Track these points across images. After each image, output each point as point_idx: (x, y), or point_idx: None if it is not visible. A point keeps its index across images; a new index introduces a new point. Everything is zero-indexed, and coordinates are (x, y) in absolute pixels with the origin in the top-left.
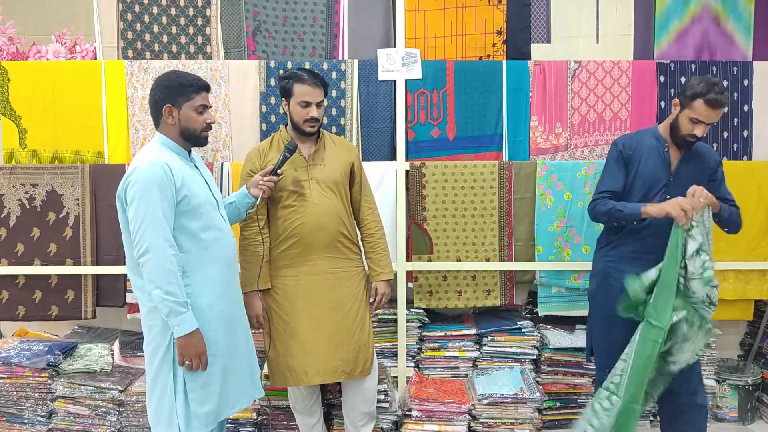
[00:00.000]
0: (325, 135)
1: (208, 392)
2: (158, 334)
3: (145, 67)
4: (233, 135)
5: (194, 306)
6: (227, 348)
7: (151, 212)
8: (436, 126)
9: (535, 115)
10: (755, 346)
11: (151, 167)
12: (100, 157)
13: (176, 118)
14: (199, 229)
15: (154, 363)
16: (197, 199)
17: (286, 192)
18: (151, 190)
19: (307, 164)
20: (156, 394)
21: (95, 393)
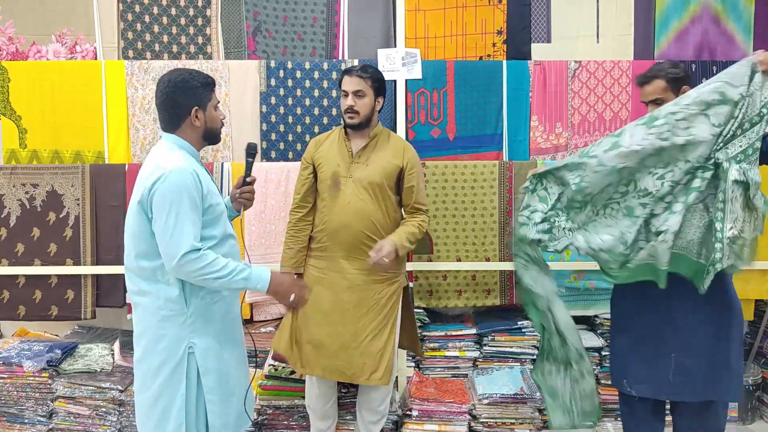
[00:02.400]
0: (382, 133)
1: (227, 403)
2: (170, 345)
3: (146, 67)
4: (233, 135)
5: (211, 317)
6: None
7: (182, 220)
8: (436, 126)
9: (536, 114)
10: (755, 345)
11: (182, 174)
12: (101, 157)
13: (202, 119)
14: (221, 236)
15: (161, 375)
16: (219, 207)
17: (325, 184)
18: (180, 196)
19: (351, 161)
20: (160, 407)
21: (96, 393)
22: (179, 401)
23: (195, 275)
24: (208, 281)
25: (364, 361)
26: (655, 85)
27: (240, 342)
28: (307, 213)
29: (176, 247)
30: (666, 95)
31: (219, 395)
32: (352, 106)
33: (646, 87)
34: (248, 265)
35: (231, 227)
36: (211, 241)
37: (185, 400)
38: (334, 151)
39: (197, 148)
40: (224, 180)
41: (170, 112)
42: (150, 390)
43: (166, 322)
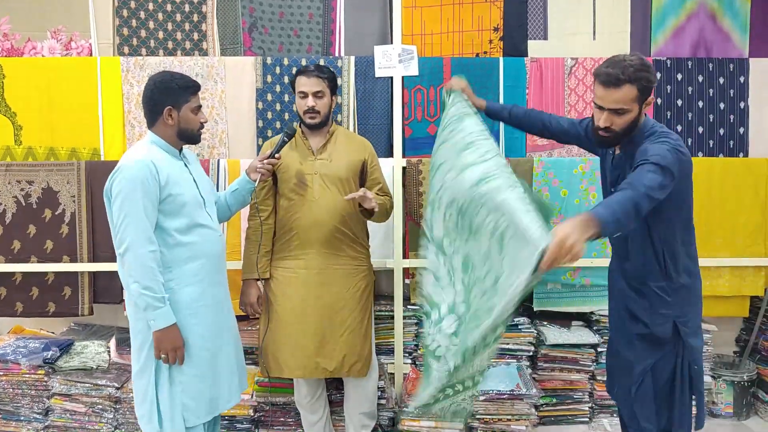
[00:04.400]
0: (338, 130)
1: (198, 385)
2: (144, 327)
3: (141, 63)
4: (230, 132)
5: (177, 300)
6: (213, 342)
7: (133, 210)
8: (432, 123)
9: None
10: (751, 342)
11: (136, 165)
12: (96, 153)
13: (175, 119)
14: (183, 227)
15: (141, 357)
16: (182, 198)
17: (290, 185)
18: (134, 187)
19: (314, 158)
20: (141, 386)
21: (92, 390)
22: (153, 381)
23: (126, 271)
24: (129, 283)
25: (343, 354)
26: (626, 91)
27: (219, 327)
28: (268, 216)
29: (122, 237)
30: (632, 107)
31: (188, 376)
32: (313, 106)
33: (613, 91)
34: (165, 302)
35: (208, 218)
36: (175, 232)
37: (158, 381)
38: (294, 151)
39: (174, 145)
40: (220, 176)
41: (146, 109)
42: (135, 367)
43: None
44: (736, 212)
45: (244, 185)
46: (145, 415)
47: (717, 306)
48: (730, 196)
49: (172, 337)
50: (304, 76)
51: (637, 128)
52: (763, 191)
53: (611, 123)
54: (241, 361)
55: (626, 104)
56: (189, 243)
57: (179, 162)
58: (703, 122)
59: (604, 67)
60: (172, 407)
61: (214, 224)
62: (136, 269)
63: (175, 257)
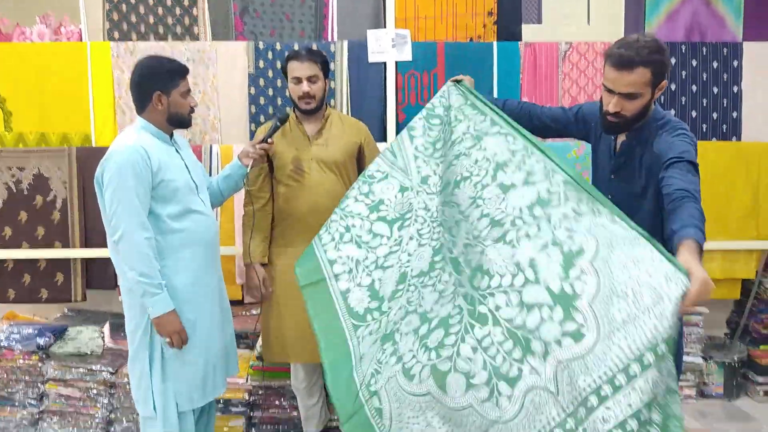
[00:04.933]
0: (333, 114)
1: (191, 371)
2: (137, 313)
3: (132, 48)
4: (222, 117)
5: (171, 287)
6: (207, 328)
7: (126, 196)
8: None
9: (526, 96)
10: (741, 324)
11: (127, 151)
12: (87, 139)
13: (165, 104)
14: (176, 212)
15: (135, 341)
16: (174, 183)
17: (286, 171)
18: (126, 174)
19: (310, 143)
20: (137, 371)
21: (86, 375)
22: (147, 366)
23: (122, 258)
24: (125, 271)
25: None
26: (639, 74)
27: (212, 314)
28: (266, 203)
29: (116, 224)
30: (645, 91)
31: (181, 362)
32: (308, 92)
33: (626, 74)
34: (163, 288)
35: (201, 204)
36: (168, 218)
37: (151, 365)
38: (289, 138)
39: (164, 130)
40: (213, 161)
41: (135, 95)
42: (131, 352)
43: (131, 293)
44: (728, 196)
45: (236, 170)
46: (140, 399)
47: None
48: (723, 180)
49: (172, 321)
50: (296, 60)
51: (648, 114)
52: (756, 175)
53: (621, 108)
54: (232, 347)
55: (639, 88)
56: (182, 229)
57: (170, 147)
58: (697, 106)
59: (616, 47)
60: (165, 392)
61: (208, 210)
62: (132, 256)
63: (169, 244)
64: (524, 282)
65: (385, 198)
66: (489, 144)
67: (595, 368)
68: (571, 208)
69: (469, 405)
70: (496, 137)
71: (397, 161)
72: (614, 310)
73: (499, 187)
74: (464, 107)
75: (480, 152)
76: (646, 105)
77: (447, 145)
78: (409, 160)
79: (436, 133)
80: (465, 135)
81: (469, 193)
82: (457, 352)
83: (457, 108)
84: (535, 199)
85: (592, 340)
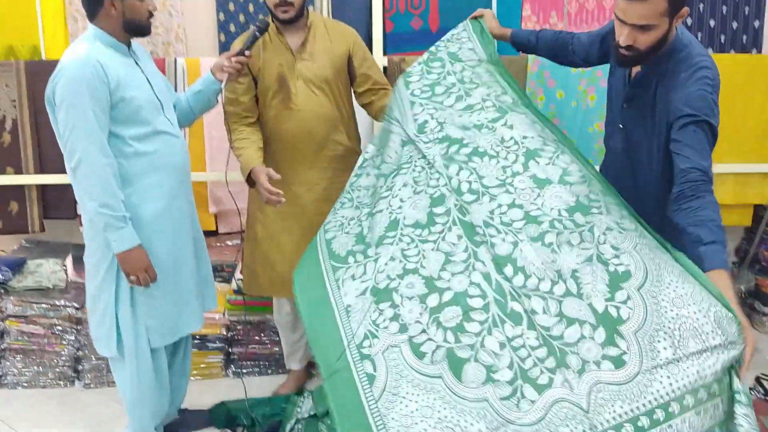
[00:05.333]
0: (316, 20)
1: (163, 305)
2: (101, 245)
3: None
4: (186, 26)
5: (137, 217)
6: (178, 260)
7: (82, 117)
8: (417, 16)
9: (528, 3)
10: (751, 252)
11: (80, 66)
12: (36, 51)
13: (119, 8)
14: (141, 134)
15: (98, 277)
16: (136, 101)
17: (270, 92)
18: (80, 92)
19: (294, 58)
20: (99, 308)
21: (49, 311)
22: (112, 303)
23: (80, 187)
24: (84, 201)
25: None
26: (653, 4)
27: (184, 244)
28: (255, 122)
29: (72, 149)
30: (660, 22)
31: (152, 296)
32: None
33: (638, 5)
34: (127, 221)
35: (168, 124)
36: (132, 140)
37: (117, 303)
38: (270, 52)
39: (121, 39)
40: (178, 77)
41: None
42: (90, 290)
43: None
44: (744, 115)
45: (209, 85)
46: (102, 338)
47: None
48: (739, 96)
49: (138, 257)
50: None
51: (667, 43)
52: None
53: (634, 40)
54: (209, 279)
55: (653, 19)
56: (149, 152)
57: (128, 59)
58: (715, 14)
59: None
60: (136, 328)
61: (176, 130)
62: (92, 185)
63: (134, 169)
64: (565, 293)
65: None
66: (516, 122)
67: (634, 398)
68: (615, 222)
69: (484, 398)
70: (522, 117)
71: (393, 112)
72: (660, 346)
73: (533, 179)
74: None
75: (507, 130)
76: (663, 37)
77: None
78: (405, 109)
79: (435, 76)
80: (485, 103)
81: (497, 175)
82: (482, 343)
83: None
84: (574, 203)
85: (634, 370)
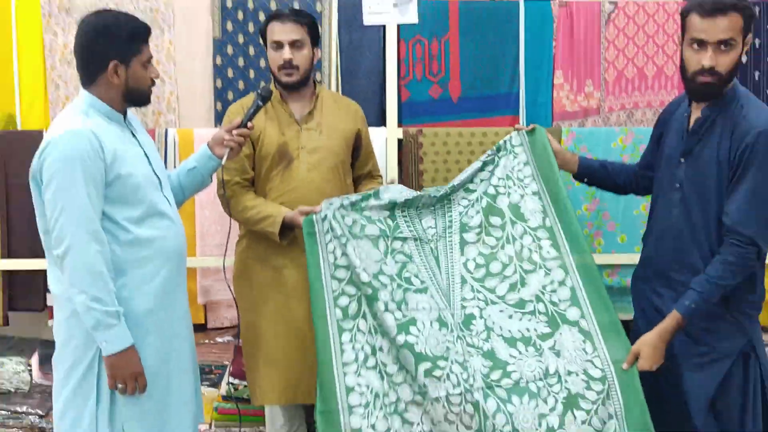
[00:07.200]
0: (324, 93)
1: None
2: (80, 345)
3: (68, 6)
4: (180, 94)
5: (128, 312)
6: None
7: (73, 199)
8: (436, 83)
9: (560, 70)
10: None
11: (74, 140)
12: (12, 121)
13: (123, 76)
14: (138, 216)
15: (70, 383)
16: (134, 179)
17: (270, 161)
18: (73, 170)
19: (299, 128)
20: (67, 422)
21: (9, 419)
22: (88, 416)
23: (68, 277)
24: (72, 294)
25: None
26: (733, 20)
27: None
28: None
29: (61, 234)
30: (738, 37)
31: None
32: (290, 60)
33: (720, 19)
34: (120, 318)
35: (167, 204)
36: (128, 224)
37: (95, 415)
38: (272, 120)
39: (118, 108)
40: (169, 150)
41: (85, 63)
42: (59, 399)
43: (74, 319)
44: None
45: (206, 162)
46: None
47: None
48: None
49: (130, 361)
50: (277, 21)
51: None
52: None
53: (716, 63)
54: (198, 385)
55: (735, 34)
56: (146, 238)
57: (125, 131)
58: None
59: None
60: None
61: (174, 212)
62: (82, 276)
63: (128, 257)
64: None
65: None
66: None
67: None
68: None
69: None
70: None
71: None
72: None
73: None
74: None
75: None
76: (738, 61)
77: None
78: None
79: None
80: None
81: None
82: None
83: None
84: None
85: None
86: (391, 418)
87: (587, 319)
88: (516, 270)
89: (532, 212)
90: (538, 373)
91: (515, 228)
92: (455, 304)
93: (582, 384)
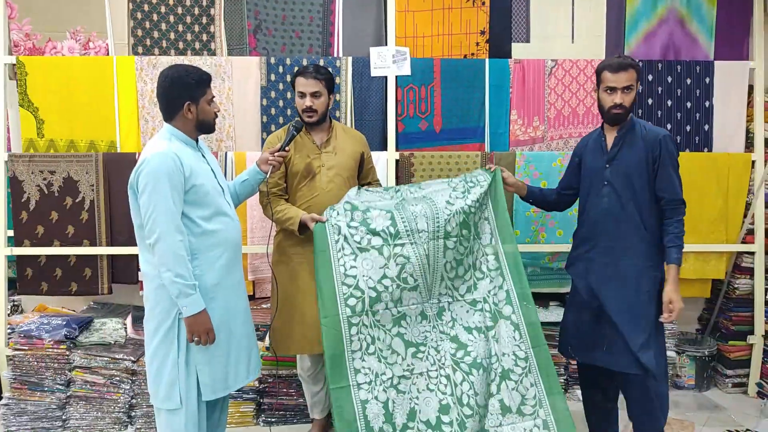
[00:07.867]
0: (336, 125)
1: (215, 364)
2: (164, 310)
3: (154, 62)
4: (236, 126)
5: (201, 285)
6: (230, 323)
7: (162, 201)
8: (423, 119)
9: (515, 109)
10: (712, 320)
11: (162, 158)
12: (113, 146)
13: (194, 113)
14: (207, 215)
15: (157, 337)
16: (204, 188)
17: (299, 177)
18: (161, 180)
19: (320, 152)
20: (155, 365)
21: (110, 363)
22: (170, 361)
23: (158, 260)
24: (161, 272)
25: None
26: (631, 73)
27: (235, 310)
28: (284, 196)
29: (152, 227)
30: (634, 84)
31: (207, 356)
32: (310, 106)
33: (623, 73)
34: (196, 289)
35: (228, 207)
36: (200, 220)
37: (176, 360)
38: (300, 145)
39: (192, 136)
40: (228, 167)
41: (165, 105)
42: (149, 350)
43: (161, 290)
44: (700, 202)
45: (254, 176)
46: (160, 393)
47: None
48: (696, 187)
49: (203, 320)
50: (302, 77)
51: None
52: (725, 183)
53: (623, 100)
54: (253, 341)
55: (632, 82)
56: (213, 231)
57: (197, 153)
58: (672, 119)
59: (608, 61)
60: (189, 383)
61: (233, 212)
62: (169, 258)
63: (200, 245)
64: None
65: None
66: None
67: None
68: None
69: None
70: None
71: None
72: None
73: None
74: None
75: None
76: (635, 98)
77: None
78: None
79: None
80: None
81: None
82: None
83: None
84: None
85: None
86: (388, 391)
87: (516, 314)
88: (472, 276)
89: (484, 232)
90: (486, 353)
91: (475, 243)
92: (434, 297)
93: (512, 362)
